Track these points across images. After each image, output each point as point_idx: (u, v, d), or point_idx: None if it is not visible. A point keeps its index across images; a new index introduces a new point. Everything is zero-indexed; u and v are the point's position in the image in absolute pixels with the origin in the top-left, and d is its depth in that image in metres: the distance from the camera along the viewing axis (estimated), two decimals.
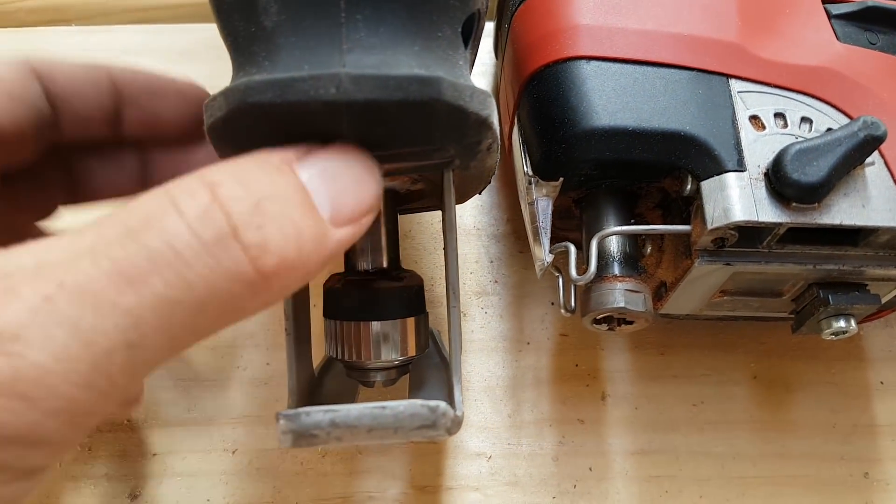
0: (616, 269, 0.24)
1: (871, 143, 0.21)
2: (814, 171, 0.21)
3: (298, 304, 0.23)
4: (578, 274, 0.24)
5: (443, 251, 0.24)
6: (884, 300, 0.25)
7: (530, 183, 0.25)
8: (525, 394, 0.29)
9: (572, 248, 0.24)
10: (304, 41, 0.18)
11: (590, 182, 0.25)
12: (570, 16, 0.24)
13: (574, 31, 0.24)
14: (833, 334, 0.24)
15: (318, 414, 0.19)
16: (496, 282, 0.31)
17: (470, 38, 0.20)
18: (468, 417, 0.29)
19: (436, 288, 0.31)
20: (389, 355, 0.23)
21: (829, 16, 0.25)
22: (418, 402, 0.20)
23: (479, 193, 0.26)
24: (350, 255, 0.24)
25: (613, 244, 0.25)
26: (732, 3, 0.24)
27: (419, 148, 0.19)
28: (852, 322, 0.24)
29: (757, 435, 0.28)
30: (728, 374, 0.29)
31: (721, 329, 0.30)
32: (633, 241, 0.25)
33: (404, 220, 0.32)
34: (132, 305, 0.13)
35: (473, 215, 0.33)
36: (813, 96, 0.23)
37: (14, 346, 0.12)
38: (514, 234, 0.32)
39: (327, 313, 0.24)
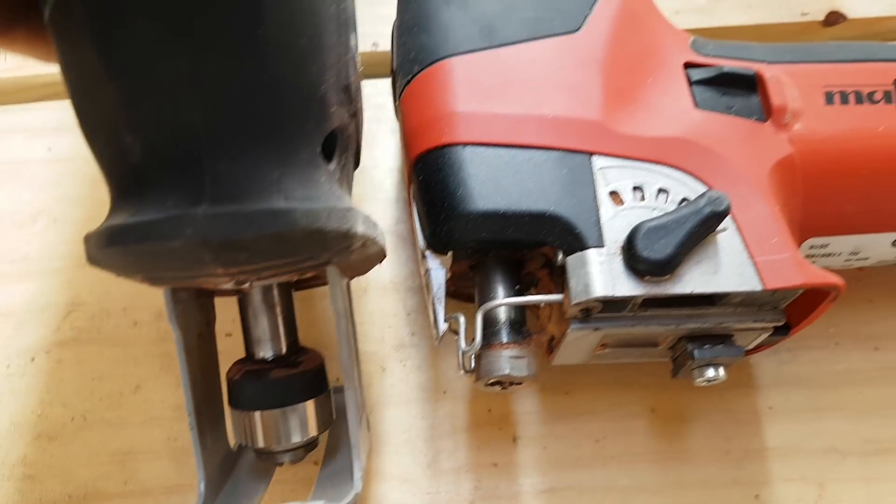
0: (503, 336, 0.26)
1: (714, 218, 0.23)
2: (661, 248, 0.23)
3: (203, 394, 0.24)
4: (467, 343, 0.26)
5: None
6: (753, 345, 0.27)
7: (423, 256, 0.27)
8: (443, 442, 0.31)
9: (462, 319, 0.26)
10: (167, 177, 0.19)
11: (477, 252, 0.27)
12: (447, 103, 0.26)
13: (450, 119, 0.26)
14: (705, 381, 0.26)
15: None
16: (413, 334, 0.33)
17: (333, 152, 0.22)
18: (389, 470, 0.31)
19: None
20: (292, 439, 0.25)
21: (690, 81, 0.27)
22: None
23: (379, 264, 0.27)
24: (249, 344, 0.26)
25: (501, 312, 0.27)
26: (597, 79, 0.26)
27: (287, 260, 0.20)
28: (721, 370, 0.26)
29: (657, 465, 0.31)
30: (628, 409, 0.31)
31: (620, 366, 0.32)
32: (520, 307, 0.27)
33: None
34: None
35: (390, 269, 0.34)
36: (671, 166, 0.25)
37: None
38: None
39: (231, 402, 0.25)
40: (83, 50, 0.19)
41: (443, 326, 0.26)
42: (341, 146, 0.22)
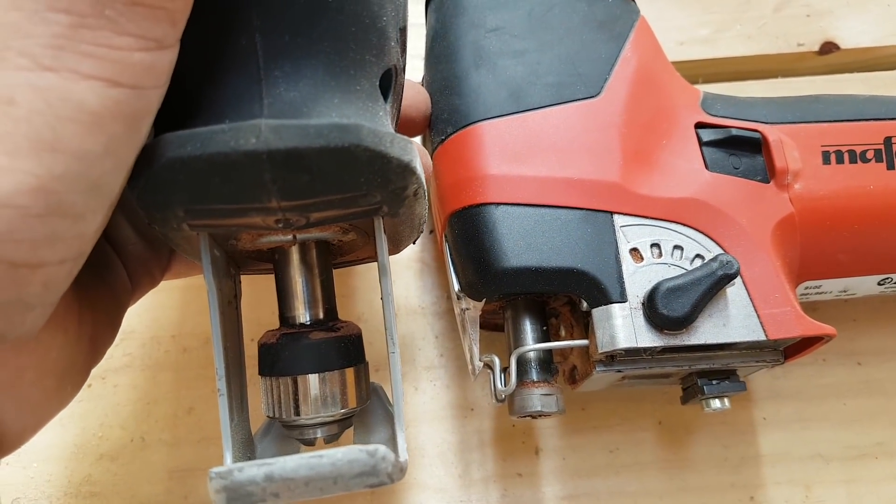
0: (533, 375, 0.29)
1: (725, 279, 0.26)
2: (679, 307, 0.26)
3: (231, 364, 0.23)
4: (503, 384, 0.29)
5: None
6: (751, 374, 0.30)
7: (458, 297, 0.30)
8: (472, 455, 0.35)
9: (497, 361, 0.29)
10: (223, 99, 0.18)
11: (508, 297, 0.30)
12: (480, 166, 0.28)
13: (483, 181, 0.28)
14: (712, 411, 0.29)
15: (252, 469, 0.19)
16: (442, 356, 0.36)
17: (389, 92, 0.22)
18: (425, 481, 0.34)
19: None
20: (328, 409, 0.23)
21: (701, 142, 0.30)
22: (356, 447, 0.19)
23: (414, 243, 0.27)
24: (285, 308, 0.24)
25: (531, 352, 0.30)
26: (616, 143, 0.29)
27: (345, 195, 0.19)
28: (726, 401, 0.29)
29: (663, 473, 0.34)
30: (638, 422, 0.35)
31: None
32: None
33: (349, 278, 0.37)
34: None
35: (418, 295, 0.37)
36: (684, 224, 0.28)
37: None
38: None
39: (262, 371, 0.24)
40: None
41: (479, 365, 0.30)
42: (396, 90, 0.22)
